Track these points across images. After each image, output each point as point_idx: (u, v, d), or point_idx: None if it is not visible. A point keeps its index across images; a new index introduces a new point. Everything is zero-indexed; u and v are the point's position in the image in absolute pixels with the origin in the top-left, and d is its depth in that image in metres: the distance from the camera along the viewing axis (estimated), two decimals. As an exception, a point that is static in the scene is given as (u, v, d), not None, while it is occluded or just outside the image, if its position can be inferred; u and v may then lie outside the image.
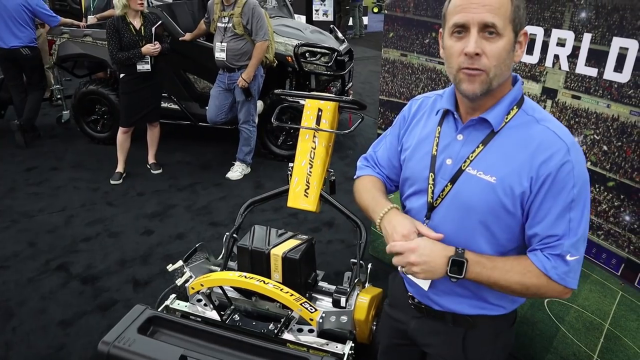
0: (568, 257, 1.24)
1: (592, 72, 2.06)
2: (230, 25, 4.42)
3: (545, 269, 1.24)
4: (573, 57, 2.12)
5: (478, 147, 1.30)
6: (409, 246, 1.26)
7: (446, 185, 1.33)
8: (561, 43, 2.15)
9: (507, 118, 1.29)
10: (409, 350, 1.63)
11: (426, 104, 1.48)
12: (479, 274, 1.26)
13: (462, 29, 1.19)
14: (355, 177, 1.65)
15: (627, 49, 1.92)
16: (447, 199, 1.34)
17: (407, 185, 1.47)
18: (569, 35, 2.11)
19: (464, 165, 1.31)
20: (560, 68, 2.18)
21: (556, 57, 2.18)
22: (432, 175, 1.36)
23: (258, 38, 4.43)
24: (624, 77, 1.95)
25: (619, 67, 1.97)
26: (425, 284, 1.43)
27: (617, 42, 1.95)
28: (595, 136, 2.12)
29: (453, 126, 1.36)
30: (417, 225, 1.31)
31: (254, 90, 4.66)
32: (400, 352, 1.67)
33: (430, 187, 1.37)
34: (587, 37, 2.05)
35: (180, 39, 4.98)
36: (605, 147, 2.09)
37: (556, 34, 2.16)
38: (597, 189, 2.15)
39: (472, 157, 1.30)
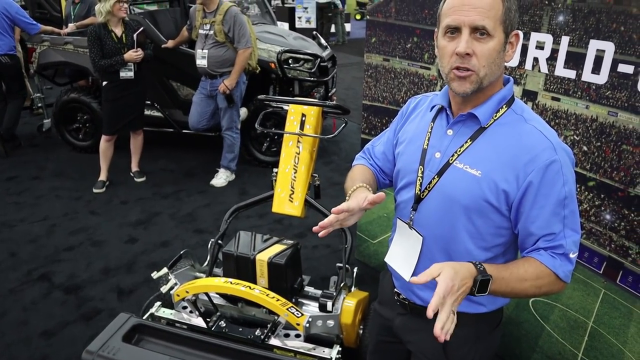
0: (571, 255, 1.28)
1: (571, 74, 2.10)
2: (211, 32, 4.42)
3: (554, 267, 1.25)
4: (552, 59, 2.16)
5: (466, 142, 1.33)
6: (447, 287, 1.08)
7: (433, 178, 1.36)
8: (540, 46, 2.19)
9: (496, 115, 1.32)
10: (397, 349, 1.64)
11: (423, 103, 1.53)
12: (499, 287, 1.22)
13: (454, 30, 1.23)
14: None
15: (603, 51, 1.97)
16: (433, 191, 1.37)
17: (398, 179, 1.50)
18: (547, 39, 2.15)
19: (451, 159, 1.34)
20: (539, 70, 2.21)
21: (535, 59, 2.22)
22: (421, 168, 1.40)
23: (240, 45, 4.42)
24: (602, 78, 1.99)
25: (596, 69, 2.01)
26: (407, 275, 1.43)
27: (594, 45, 1.99)
28: (575, 137, 2.16)
29: (444, 122, 1.40)
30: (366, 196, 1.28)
31: (237, 97, 4.65)
32: (388, 350, 1.68)
33: (419, 180, 1.40)
34: (565, 40, 2.09)
35: (162, 46, 4.95)
36: (585, 148, 2.13)
37: (535, 37, 2.19)
38: (578, 189, 2.18)
39: (459, 151, 1.33)
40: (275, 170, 2.77)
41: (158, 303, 2.61)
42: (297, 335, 2.41)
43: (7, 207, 4.42)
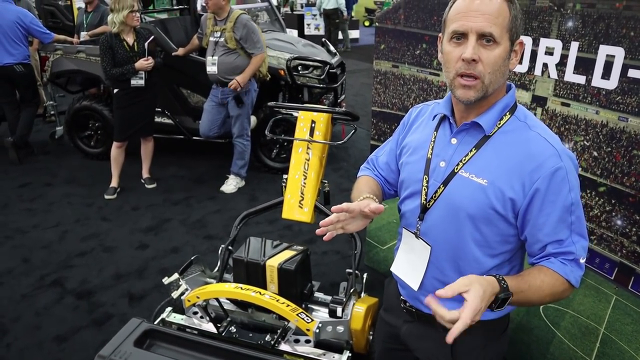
0: (581, 260, 1.28)
1: (581, 79, 2.10)
2: (222, 39, 4.45)
3: (566, 274, 1.26)
4: (561, 65, 2.15)
5: (471, 150, 1.33)
6: (476, 308, 1.08)
7: (439, 187, 1.36)
8: (549, 52, 2.19)
9: (499, 123, 1.32)
10: (403, 355, 1.64)
11: (425, 111, 1.53)
12: (517, 300, 1.23)
13: (460, 36, 1.23)
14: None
15: (613, 56, 1.96)
16: (439, 200, 1.36)
17: (403, 188, 1.50)
18: (556, 44, 2.15)
19: (456, 168, 1.34)
20: (549, 76, 2.21)
21: (545, 65, 2.22)
22: (426, 178, 1.39)
23: (256, 51, 4.45)
24: (612, 83, 1.99)
25: (606, 74, 2.00)
26: (415, 284, 1.44)
27: (604, 50, 1.99)
28: (585, 142, 2.15)
29: (448, 130, 1.40)
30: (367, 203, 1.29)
31: (248, 104, 4.68)
32: (395, 357, 1.68)
33: (424, 189, 1.40)
34: (574, 46, 2.09)
35: (173, 54, 5.00)
36: (595, 153, 2.12)
37: (544, 43, 2.19)
38: (589, 195, 2.17)
39: (464, 160, 1.33)
40: (285, 176, 2.78)
41: (169, 308, 2.63)
42: (307, 341, 2.41)
43: (20, 213, 4.48)
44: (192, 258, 2.76)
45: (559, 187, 1.24)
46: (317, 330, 2.26)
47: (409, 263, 1.47)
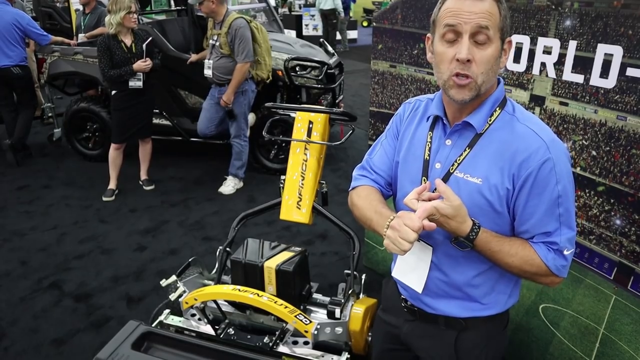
0: (565, 252, 1.30)
1: (579, 78, 2.09)
2: (217, 44, 4.45)
3: (546, 259, 1.29)
4: (559, 64, 2.15)
5: (465, 150, 1.34)
6: (449, 199, 1.23)
7: (435, 189, 1.35)
8: (547, 51, 2.18)
9: (490, 120, 1.33)
10: (403, 356, 1.63)
11: (418, 106, 1.52)
12: (485, 255, 1.32)
13: (453, 35, 1.22)
14: (350, 188, 1.62)
15: (612, 55, 1.95)
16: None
17: (399, 189, 1.49)
18: (554, 43, 2.15)
19: (451, 169, 1.35)
20: (547, 75, 2.21)
21: (543, 64, 2.21)
22: (424, 179, 1.39)
23: (239, 60, 4.38)
24: (610, 82, 1.98)
25: (604, 73, 2.00)
26: (419, 287, 1.43)
27: (602, 49, 1.98)
28: (584, 142, 2.14)
29: (442, 131, 1.40)
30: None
31: (244, 107, 4.66)
32: (394, 357, 1.67)
33: None
34: (572, 45, 2.08)
35: (188, 62, 4.99)
36: (594, 152, 2.12)
37: (542, 42, 2.19)
38: (588, 194, 2.16)
39: (459, 160, 1.34)
40: (282, 177, 2.77)
41: (167, 310, 2.61)
42: (306, 343, 2.40)
43: (18, 215, 4.46)
44: (190, 260, 2.75)
45: (545, 180, 1.25)
46: (316, 332, 2.25)
47: (411, 265, 1.46)
